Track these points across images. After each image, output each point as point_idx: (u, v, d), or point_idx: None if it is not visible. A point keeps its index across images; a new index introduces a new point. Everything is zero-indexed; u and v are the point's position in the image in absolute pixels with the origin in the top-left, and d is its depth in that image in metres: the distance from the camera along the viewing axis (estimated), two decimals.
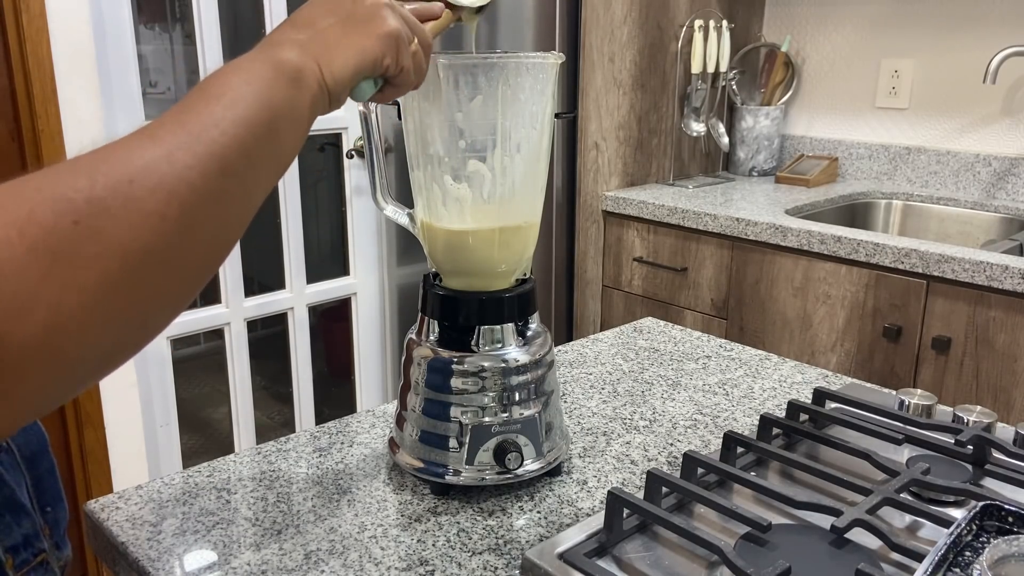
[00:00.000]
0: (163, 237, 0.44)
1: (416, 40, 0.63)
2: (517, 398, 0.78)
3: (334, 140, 2.40)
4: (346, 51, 0.57)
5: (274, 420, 3.01)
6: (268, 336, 3.06)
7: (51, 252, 0.40)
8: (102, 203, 0.42)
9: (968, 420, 0.85)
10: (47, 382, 0.41)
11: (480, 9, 0.74)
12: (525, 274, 0.84)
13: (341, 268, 2.45)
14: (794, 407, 0.87)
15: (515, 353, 0.78)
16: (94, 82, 1.80)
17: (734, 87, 2.55)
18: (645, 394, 1.04)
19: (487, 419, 0.77)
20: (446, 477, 0.78)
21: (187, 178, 0.45)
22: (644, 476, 0.73)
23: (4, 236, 0.39)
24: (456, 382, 0.77)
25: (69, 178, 0.42)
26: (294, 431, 1.09)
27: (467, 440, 0.77)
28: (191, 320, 2.14)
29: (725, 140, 2.48)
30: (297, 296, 2.31)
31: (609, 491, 0.68)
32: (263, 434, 2.49)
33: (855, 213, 2.30)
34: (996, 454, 0.80)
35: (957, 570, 0.60)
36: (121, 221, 0.42)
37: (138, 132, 0.47)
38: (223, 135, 0.48)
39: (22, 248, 0.39)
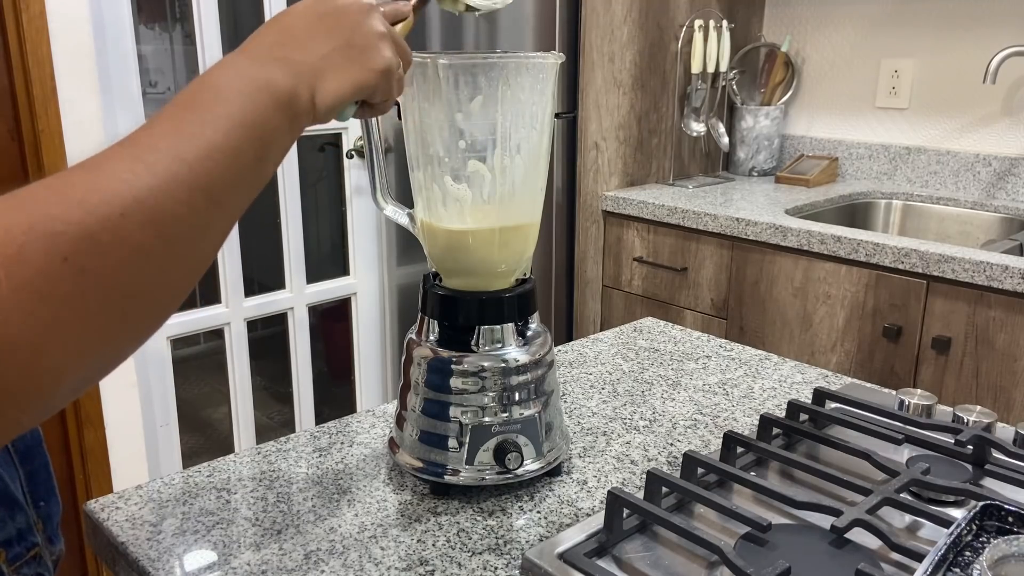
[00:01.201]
0: (144, 271, 0.44)
1: (400, 64, 0.63)
2: (517, 398, 0.78)
3: (334, 140, 2.40)
4: (341, 82, 0.57)
5: (274, 420, 3.01)
6: (268, 336, 3.06)
7: (38, 293, 0.39)
8: (93, 239, 0.41)
9: (968, 420, 0.85)
10: (20, 416, 0.41)
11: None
12: (525, 274, 0.84)
13: (341, 268, 2.45)
14: (794, 407, 0.87)
15: (515, 353, 0.78)
16: (94, 82, 1.80)
17: (734, 87, 2.55)
18: (645, 394, 1.04)
19: (487, 419, 0.77)
20: (446, 477, 0.78)
21: (176, 212, 0.45)
22: (644, 476, 0.73)
23: None
24: (456, 382, 0.77)
25: (62, 208, 0.41)
26: (294, 431, 1.10)
27: (467, 440, 0.77)
28: (191, 320, 2.14)
29: (725, 140, 2.48)
30: (297, 296, 2.31)
31: (609, 491, 0.68)
32: (263, 434, 2.49)
33: (855, 213, 2.30)
34: (996, 454, 0.80)
35: (957, 570, 0.60)
36: (109, 258, 0.42)
37: (128, 149, 0.45)
38: (216, 165, 0.47)
39: (8, 289, 0.38)
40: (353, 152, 2.34)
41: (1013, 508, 0.64)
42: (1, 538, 0.59)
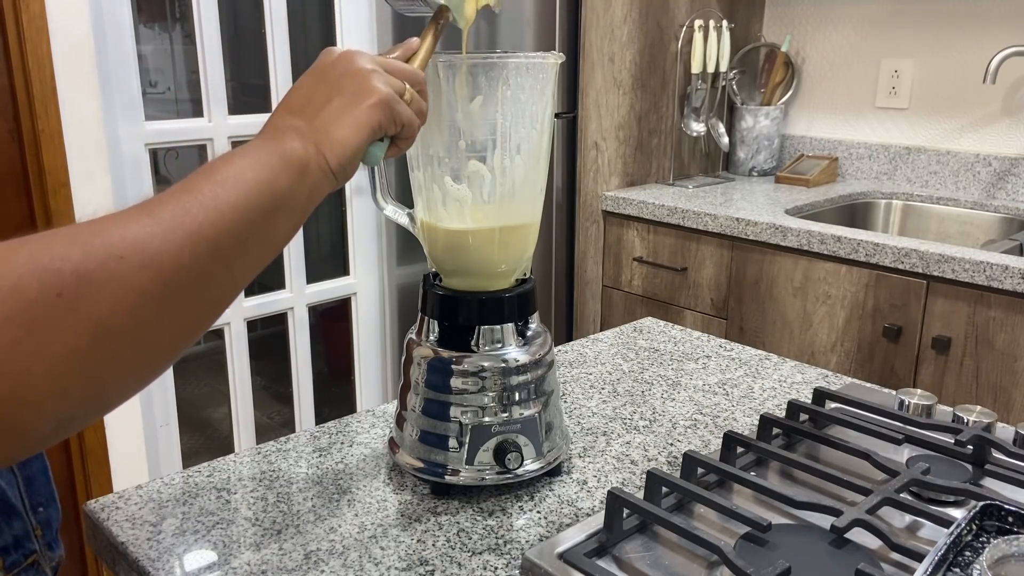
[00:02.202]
0: (140, 314, 0.44)
1: (407, 87, 0.63)
2: (517, 398, 0.78)
3: None
4: (344, 130, 0.58)
5: (274, 420, 3.01)
6: (268, 336, 3.06)
7: (27, 325, 0.39)
8: (89, 276, 0.42)
9: (968, 420, 0.85)
10: None
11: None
12: (525, 274, 0.84)
13: (341, 268, 2.45)
14: (794, 407, 0.87)
15: (515, 353, 0.78)
16: (94, 82, 1.79)
17: (734, 87, 2.55)
18: (645, 394, 1.04)
19: (487, 419, 0.77)
20: (446, 477, 0.78)
21: (177, 257, 0.45)
22: (644, 476, 0.73)
23: None
24: (456, 382, 0.77)
25: (63, 248, 0.42)
26: (294, 431, 1.10)
27: (467, 440, 0.77)
28: None
29: (725, 140, 2.48)
30: (297, 296, 2.31)
31: (609, 491, 0.68)
32: (263, 434, 2.49)
33: (855, 213, 2.30)
34: (996, 454, 0.80)
35: (957, 570, 0.60)
36: (103, 295, 0.42)
37: (138, 207, 0.47)
38: (220, 218, 0.48)
39: (0, 319, 0.38)
40: None
41: (1013, 508, 0.64)
42: None
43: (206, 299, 0.49)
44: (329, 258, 2.72)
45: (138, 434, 2.04)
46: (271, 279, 2.35)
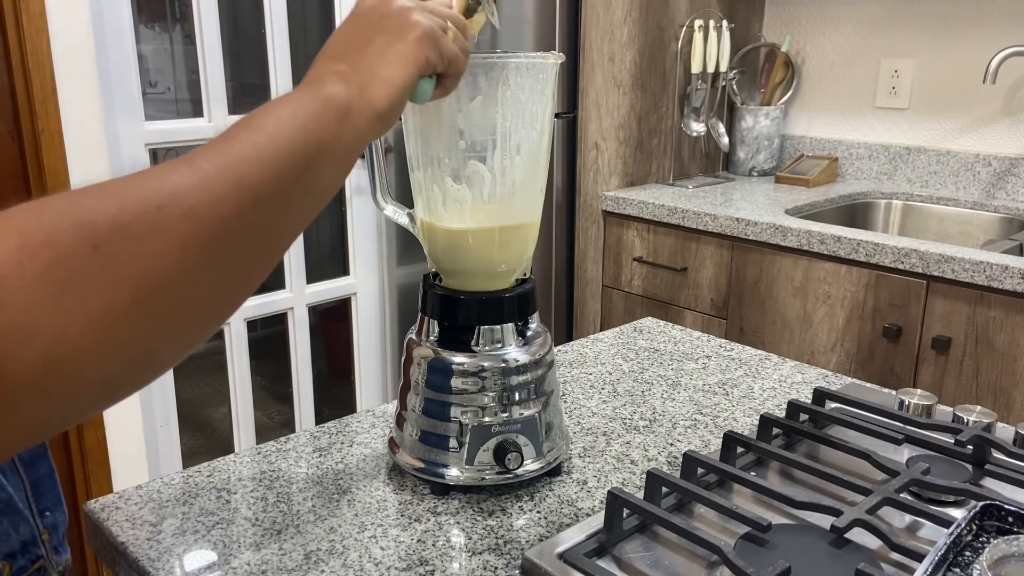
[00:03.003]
0: (182, 267, 0.42)
1: (450, 25, 0.62)
2: (517, 398, 0.78)
3: None
4: (389, 68, 0.56)
5: (274, 420, 3.01)
6: (268, 336, 3.06)
7: (62, 280, 0.37)
8: (127, 229, 0.40)
9: (968, 420, 0.85)
10: (44, 411, 0.39)
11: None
12: (525, 274, 0.84)
13: (341, 268, 2.45)
14: (794, 407, 0.87)
15: (515, 353, 0.78)
16: (94, 82, 1.79)
17: (734, 87, 2.55)
18: (645, 394, 1.04)
19: (487, 419, 0.77)
20: (446, 477, 0.78)
21: (218, 208, 0.43)
22: (644, 476, 0.73)
23: (16, 260, 0.36)
24: (456, 382, 0.77)
25: (96, 201, 0.40)
26: (294, 431, 1.09)
27: (467, 440, 0.77)
28: None
29: (725, 140, 2.48)
30: (297, 296, 2.31)
31: (609, 491, 0.68)
32: (263, 434, 2.49)
33: (855, 213, 2.30)
34: (996, 454, 0.80)
35: (957, 570, 0.60)
36: (143, 248, 0.40)
37: (176, 160, 0.45)
38: (261, 168, 0.46)
39: (34, 273, 0.37)
40: None
41: (1013, 508, 0.64)
42: (5, 550, 0.58)
43: (252, 251, 0.47)
44: (329, 258, 2.72)
45: (138, 434, 2.04)
46: (271, 279, 2.35)
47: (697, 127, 2.43)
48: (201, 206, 0.42)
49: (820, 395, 0.91)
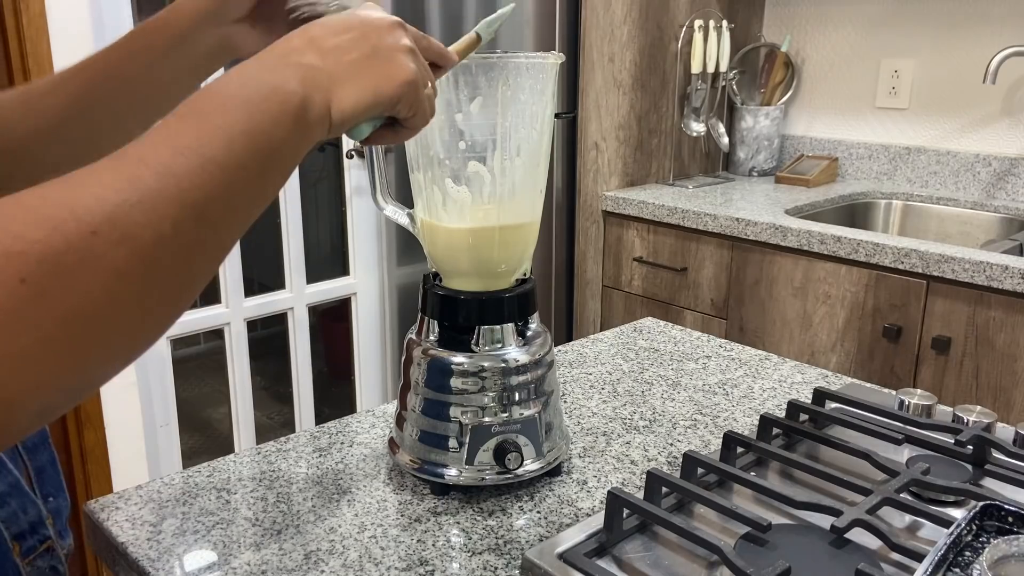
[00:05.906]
0: (117, 297, 0.39)
1: (430, 84, 0.60)
2: (517, 398, 0.78)
3: (334, 140, 2.40)
4: (360, 89, 0.53)
5: (274, 420, 3.02)
6: (268, 336, 3.07)
7: None
8: (57, 260, 0.37)
9: (968, 420, 0.85)
10: None
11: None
12: (525, 274, 0.84)
13: (341, 268, 2.45)
14: (794, 407, 0.87)
15: (515, 353, 0.78)
16: None
17: (734, 87, 2.55)
18: (645, 394, 1.04)
19: (487, 419, 0.77)
20: (446, 477, 0.78)
21: (158, 229, 0.40)
22: (644, 476, 0.73)
23: None
24: (456, 382, 0.77)
25: (26, 226, 0.37)
26: (294, 431, 1.09)
27: (467, 440, 0.77)
28: (191, 320, 2.14)
29: (725, 140, 2.48)
30: (297, 296, 2.31)
31: (609, 491, 0.68)
32: (263, 434, 2.49)
33: (855, 213, 2.30)
34: (996, 454, 0.80)
35: (957, 570, 0.60)
36: (74, 281, 0.37)
37: (115, 162, 0.41)
38: (211, 180, 0.43)
39: None
40: (353, 152, 2.34)
41: (1013, 508, 0.64)
42: (14, 531, 0.59)
43: (191, 270, 0.43)
44: (329, 258, 2.72)
45: (138, 434, 2.05)
46: (271, 279, 2.35)
47: (697, 127, 2.43)
48: (138, 227, 0.39)
49: (820, 395, 0.91)
